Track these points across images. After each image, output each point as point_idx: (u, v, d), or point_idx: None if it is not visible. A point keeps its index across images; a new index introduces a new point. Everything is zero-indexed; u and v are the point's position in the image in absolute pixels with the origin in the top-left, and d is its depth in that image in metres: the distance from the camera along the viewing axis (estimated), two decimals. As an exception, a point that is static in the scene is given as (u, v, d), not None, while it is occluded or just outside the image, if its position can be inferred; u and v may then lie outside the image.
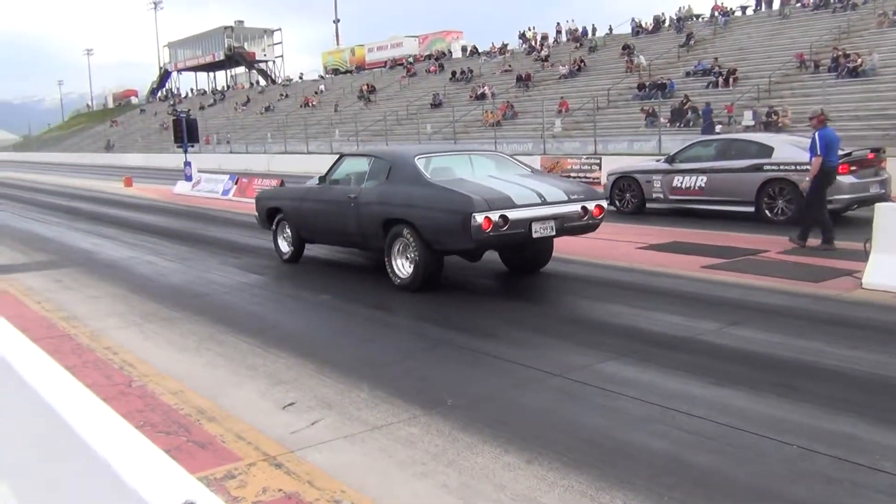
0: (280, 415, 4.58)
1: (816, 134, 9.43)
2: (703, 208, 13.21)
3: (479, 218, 7.11)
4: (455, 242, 7.47)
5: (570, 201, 7.80)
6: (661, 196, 13.81)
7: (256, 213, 10.85)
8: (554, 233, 7.68)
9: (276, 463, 3.90)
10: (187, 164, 24.19)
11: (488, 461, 3.86)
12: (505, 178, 8.10)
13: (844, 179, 11.46)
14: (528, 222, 7.42)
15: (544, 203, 7.60)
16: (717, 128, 25.09)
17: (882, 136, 19.99)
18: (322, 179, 9.47)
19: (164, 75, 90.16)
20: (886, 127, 21.50)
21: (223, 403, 4.79)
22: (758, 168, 12.28)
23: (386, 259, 8.14)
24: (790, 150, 12.23)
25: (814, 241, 9.55)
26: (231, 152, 48.02)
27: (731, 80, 29.18)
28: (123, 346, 6.20)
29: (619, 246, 10.34)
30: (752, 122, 24.75)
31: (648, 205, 14.10)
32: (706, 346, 5.68)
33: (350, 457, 3.97)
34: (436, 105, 42.08)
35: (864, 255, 7.95)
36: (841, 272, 8.04)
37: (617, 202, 14.53)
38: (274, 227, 10.29)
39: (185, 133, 23.60)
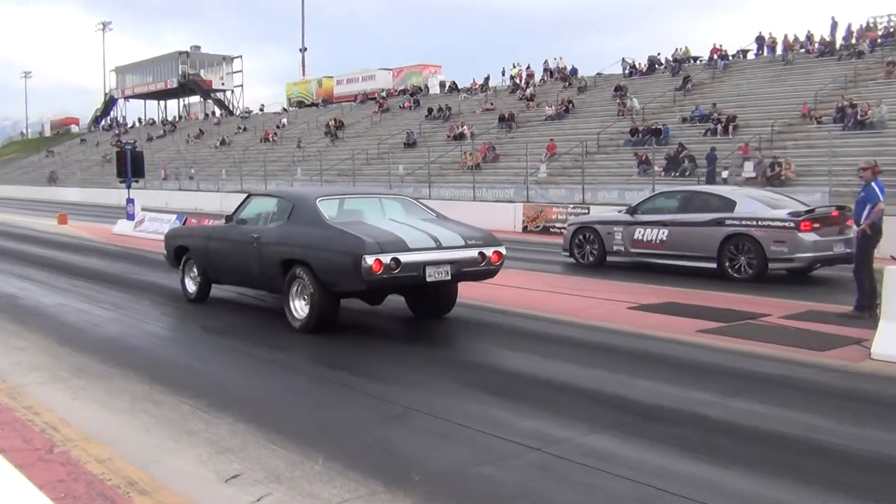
0: (222, 488, 4.49)
1: (874, 184, 9.52)
2: (663, 263, 13.56)
3: (370, 260, 7.87)
4: (348, 284, 8.25)
5: (466, 246, 8.62)
6: (623, 249, 14.16)
7: (165, 252, 11.61)
8: (449, 277, 8.48)
9: (214, 544, 3.81)
10: (130, 201, 24.05)
11: (456, 546, 3.80)
12: (405, 222, 8.97)
13: (806, 237, 12.02)
14: (422, 266, 8.20)
15: (439, 247, 8.41)
16: (724, 174, 25.43)
17: (894, 194, 20.47)
18: (229, 219, 10.27)
19: (110, 102, 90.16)
20: (896, 183, 22.03)
21: (158, 474, 4.68)
22: (720, 222, 12.73)
23: (284, 300, 8.83)
24: (753, 205, 12.77)
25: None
26: (180, 189, 47.85)
27: (730, 127, 29.85)
28: (47, 404, 6.06)
29: (606, 305, 10.40)
30: (754, 174, 25.23)
31: (609, 258, 14.43)
32: (701, 420, 5.69)
33: (300, 538, 3.88)
34: (410, 144, 42.47)
35: (872, 323, 8.07)
36: (848, 340, 8.14)
37: (577, 254, 14.85)
38: (182, 266, 11.04)
39: (130, 167, 23.50)
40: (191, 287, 10.85)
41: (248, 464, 4.84)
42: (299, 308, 8.68)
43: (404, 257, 8.07)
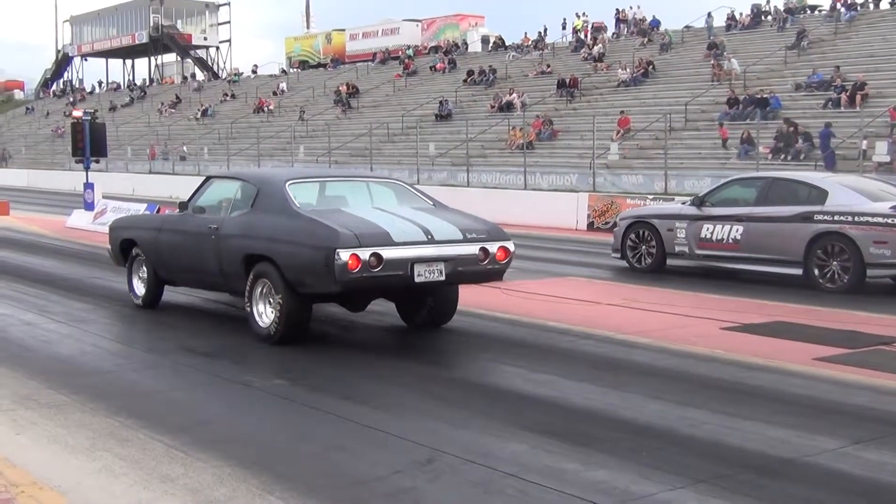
0: (206, 549, 4.52)
1: None
2: (736, 268, 13.73)
3: (345, 255, 8.18)
4: (319, 284, 8.59)
5: (465, 241, 8.96)
6: (686, 250, 14.30)
7: (109, 247, 12.10)
8: (443, 278, 8.81)
9: None
10: (88, 186, 24.33)
11: None
12: (391, 211, 9.38)
13: None
14: (409, 263, 8.55)
15: (431, 241, 8.77)
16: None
17: None
18: (184, 206, 10.61)
19: (64, 62, 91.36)
20: None
21: (125, 529, 4.73)
22: (806, 218, 12.80)
23: (246, 304, 9.27)
24: (848, 196, 12.78)
25: None
26: (151, 172, 48.40)
27: (857, 97, 29.49)
28: (-14, 441, 6.16)
29: (693, 324, 10.39)
30: (888, 158, 24.93)
31: (670, 261, 14.65)
32: (820, 473, 5.63)
33: None
34: (443, 116, 42.57)
35: None
36: None
37: (630, 256, 15.08)
38: (129, 263, 11.44)
39: (89, 143, 23.77)
40: (139, 289, 11.25)
41: (240, 519, 4.88)
42: (264, 313, 9.09)
43: (387, 252, 8.40)
